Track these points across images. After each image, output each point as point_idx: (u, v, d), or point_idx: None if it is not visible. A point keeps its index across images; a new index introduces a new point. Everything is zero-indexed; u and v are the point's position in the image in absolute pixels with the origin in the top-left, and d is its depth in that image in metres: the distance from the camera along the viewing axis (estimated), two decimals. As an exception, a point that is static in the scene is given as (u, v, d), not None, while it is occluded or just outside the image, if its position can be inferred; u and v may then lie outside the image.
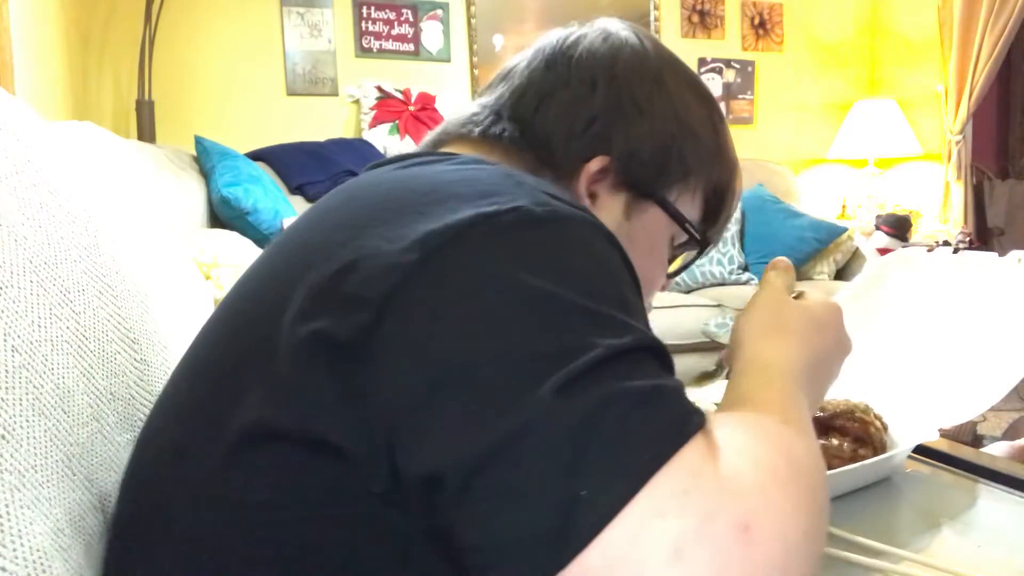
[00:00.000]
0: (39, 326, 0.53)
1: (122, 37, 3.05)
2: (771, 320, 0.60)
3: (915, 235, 3.55)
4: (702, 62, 3.97)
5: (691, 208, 0.67)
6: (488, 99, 0.65)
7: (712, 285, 3.30)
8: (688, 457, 0.37)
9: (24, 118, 0.68)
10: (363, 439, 0.41)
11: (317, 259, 0.47)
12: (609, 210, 0.63)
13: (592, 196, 0.62)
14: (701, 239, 0.68)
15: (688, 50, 3.94)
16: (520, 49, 0.69)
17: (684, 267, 0.74)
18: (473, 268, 0.43)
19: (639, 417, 0.38)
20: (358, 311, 0.42)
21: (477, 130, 0.63)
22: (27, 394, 0.49)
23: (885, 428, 0.72)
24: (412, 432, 0.40)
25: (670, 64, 0.66)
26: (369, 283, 0.43)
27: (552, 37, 0.67)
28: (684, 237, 0.68)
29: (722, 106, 3.98)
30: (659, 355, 0.45)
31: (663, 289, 0.72)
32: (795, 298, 0.65)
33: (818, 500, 0.41)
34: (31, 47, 2.32)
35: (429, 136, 0.67)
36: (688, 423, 0.39)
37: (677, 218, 0.65)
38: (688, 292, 3.24)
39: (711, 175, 0.67)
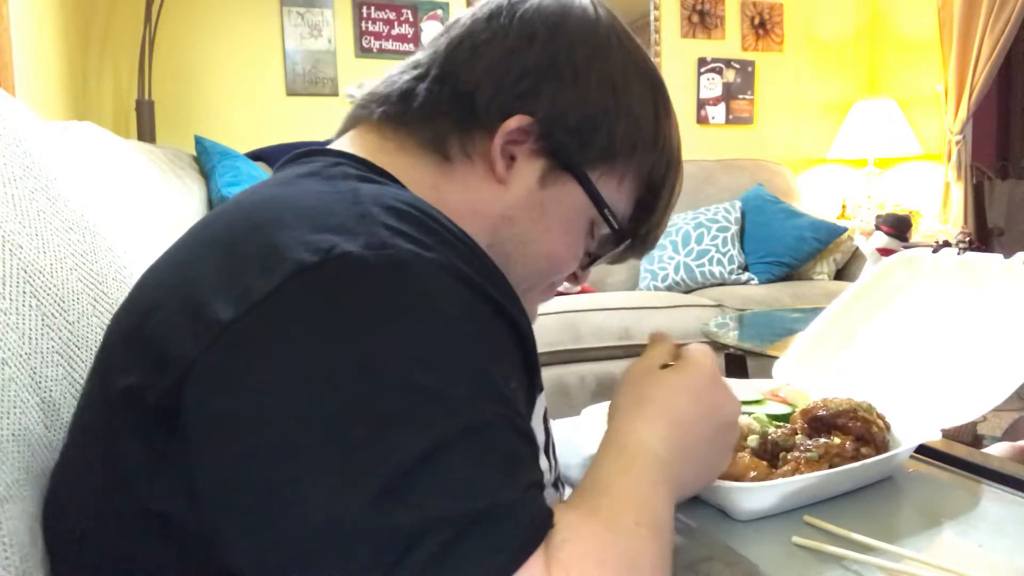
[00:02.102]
0: (30, 338, 0.52)
1: (122, 37, 3.05)
2: (632, 394, 0.57)
3: (915, 235, 3.55)
4: (702, 62, 3.97)
5: (616, 195, 0.63)
6: (423, 54, 0.62)
7: (712, 285, 3.30)
8: None
9: (25, 121, 0.68)
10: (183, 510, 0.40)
11: (157, 298, 0.45)
12: (524, 176, 0.59)
13: (510, 158, 0.59)
14: (620, 230, 0.64)
15: (688, 50, 3.94)
16: None
17: (597, 259, 0.68)
18: (284, 339, 0.39)
19: (463, 546, 0.36)
20: (165, 372, 0.40)
21: (379, 111, 0.60)
22: (14, 408, 0.48)
23: (887, 427, 0.72)
24: (214, 524, 0.38)
25: (620, 37, 0.62)
26: (180, 343, 0.40)
27: None
28: (606, 228, 0.63)
29: (722, 106, 4.00)
30: (507, 425, 0.41)
31: (578, 282, 0.69)
32: (667, 366, 0.58)
33: None
34: (31, 47, 2.32)
35: (348, 113, 0.64)
36: (520, 545, 0.37)
37: (595, 199, 0.61)
38: (688, 292, 3.24)
39: (644, 164, 0.63)
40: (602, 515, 0.43)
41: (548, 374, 2.71)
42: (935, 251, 0.92)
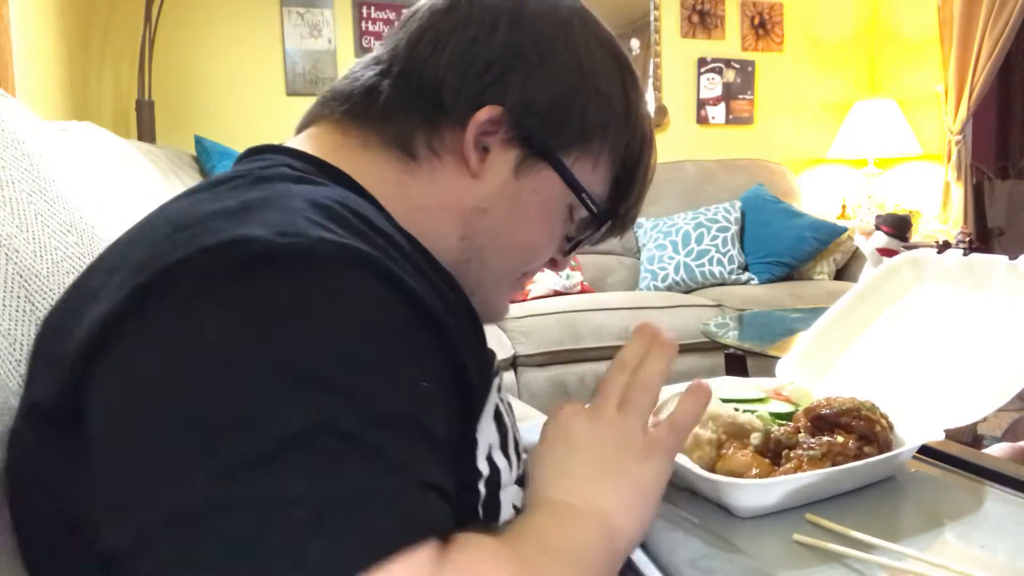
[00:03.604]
0: (22, 344, 0.52)
1: (122, 37, 3.05)
2: (544, 446, 0.56)
3: (915, 235, 3.55)
4: (702, 62, 3.97)
5: (593, 178, 0.62)
6: (382, 50, 0.61)
7: (712, 285, 3.30)
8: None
9: (24, 122, 0.67)
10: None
11: (67, 300, 0.46)
12: (498, 167, 0.58)
13: (484, 150, 0.58)
14: (599, 213, 0.63)
15: (688, 50, 3.94)
16: None
17: (578, 243, 0.66)
18: (173, 323, 0.39)
19: (327, 529, 0.34)
20: (60, 372, 0.40)
21: (341, 108, 0.59)
22: (3, 415, 0.48)
23: (890, 427, 0.72)
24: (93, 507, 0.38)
25: (583, 17, 0.61)
26: (77, 343, 0.40)
27: None
28: (585, 212, 0.62)
29: (722, 106, 4.00)
30: (401, 421, 0.40)
31: (558, 268, 0.68)
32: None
33: None
34: (31, 47, 2.32)
35: (308, 110, 0.63)
36: (394, 537, 0.36)
37: (572, 184, 0.60)
38: (688, 292, 3.24)
39: (618, 143, 0.62)
40: (509, 541, 0.44)
41: (548, 374, 2.71)
42: (939, 252, 0.92)
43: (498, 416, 0.56)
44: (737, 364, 2.28)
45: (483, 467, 0.52)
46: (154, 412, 0.37)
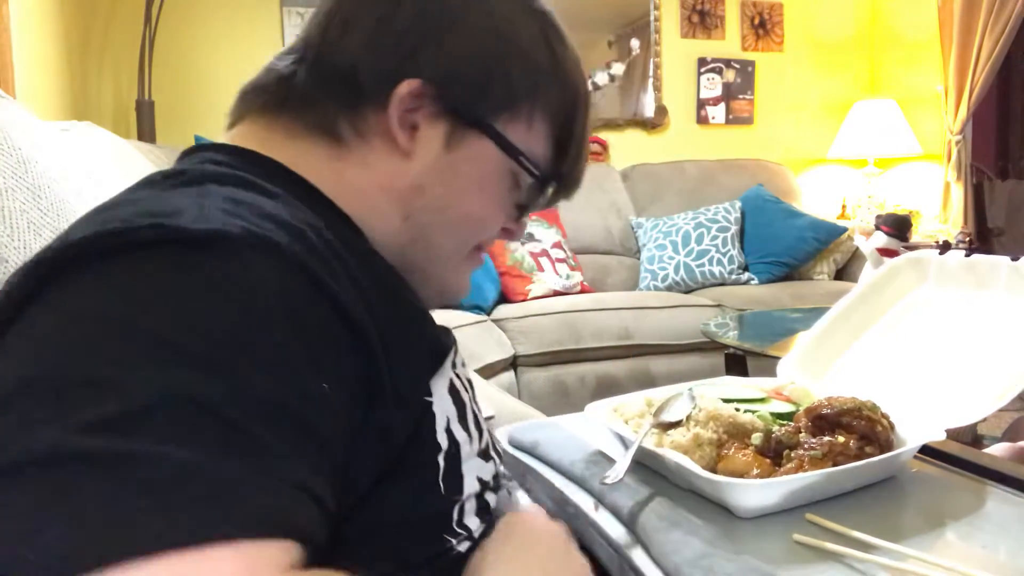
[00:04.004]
0: None
1: (122, 37, 3.05)
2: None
3: (915, 235, 3.55)
4: (702, 62, 3.97)
5: (528, 139, 0.60)
6: (297, 41, 0.60)
7: (712, 285, 3.30)
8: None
9: (22, 125, 0.67)
10: None
11: None
12: (429, 142, 0.57)
13: (413, 127, 0.56)
14: (541, 174, 0.61)
15: (688, 50, 3.94)
16: None
17: (527, 209, 0.65)
18: (67, 297, 0.39)
19: (140, 498, 0.33)
20: None
21: (259, 101, 0.59)
22: None
23: (892, 427, 0.72)
24: None
25: None
26: None
27: None
28: (528, 176, 0.61)
29: (722, 106, 4.00)
30: (285, 420, 0.38)
31: (514, 237, 0.67)
32: None
33: None
34: (31, 47, 2.32)
35: (231, 108, 0.63)
36: (209, 524, 0.33)
37: (507, 149, 0.58)
38: (688, 292, 3.24)
39: (549, 101, 0.60)
40: None
41: (548, 374, 2.71)
42: (940, 252, 0.92)
43: (453, 390, 0.56)
44: (737, 364, 2.28)
45: (442, 440, 0.52)
46: (29, 368, 0.37)
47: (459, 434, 0.54)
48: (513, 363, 2.70)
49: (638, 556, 0.62)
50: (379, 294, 0.49)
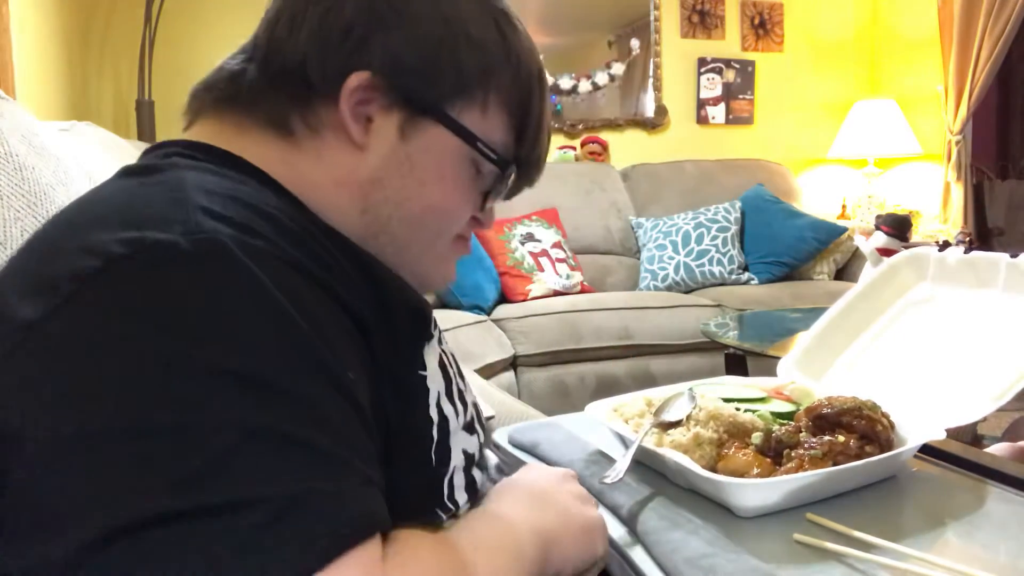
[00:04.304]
0: None
1: (122, 37, 3.05)
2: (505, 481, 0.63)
3: (915, 235, 3.55)
4: (702, 62, 3.97)
5: (485, 125, 0.60)
6: (247, 42, 0.60)
7: (712, 285, 3.30)
8: None
9: (21, 128, 0.67)
10: None
11: None
12: (384, 133, 0.57)
13: (368, 120, 0.57)
14: (501, 158, 0.61)
15: (688, 50, 3.94)
16: None
17: (492, 196, 0.64)
18: (91, 329, 0.38)
19: (277, 529, 0.35)
20: None
21: (211, 97, 0.59)
22: None
23: (892, 426, 0.72)
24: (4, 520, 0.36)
25: None
26: None
27: None
28: (493, 167, 0.61)
29: (722, 106, 4.00)
30: (346, 423, 0.41)
31: (482, 225, 0.67)
32: None
33: None
34: (31, 47, 2.32)
35: (185, 108, 0.63)
36: (341, 534, 0.37)
37: (463, 135, 0.58)
38: (688, 292, 3.24)
39: (503, 85, 0.60)
40: (446, 536, 0.48)
41: (548, 374, 2.71)
42: (940, 250, 0.92)
43: (443, 365, 0.58)
44: (737, 364, 2.28)
45: (433, 414, 0.54)
46: (83, 427, 0.36)
47: (447, 408, 0.56)
48: (513, 363, 2.70)
49: (638, 556, 0.62)
50: (359, 275, 0.51)
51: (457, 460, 0.56)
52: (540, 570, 0.55)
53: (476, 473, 0.59)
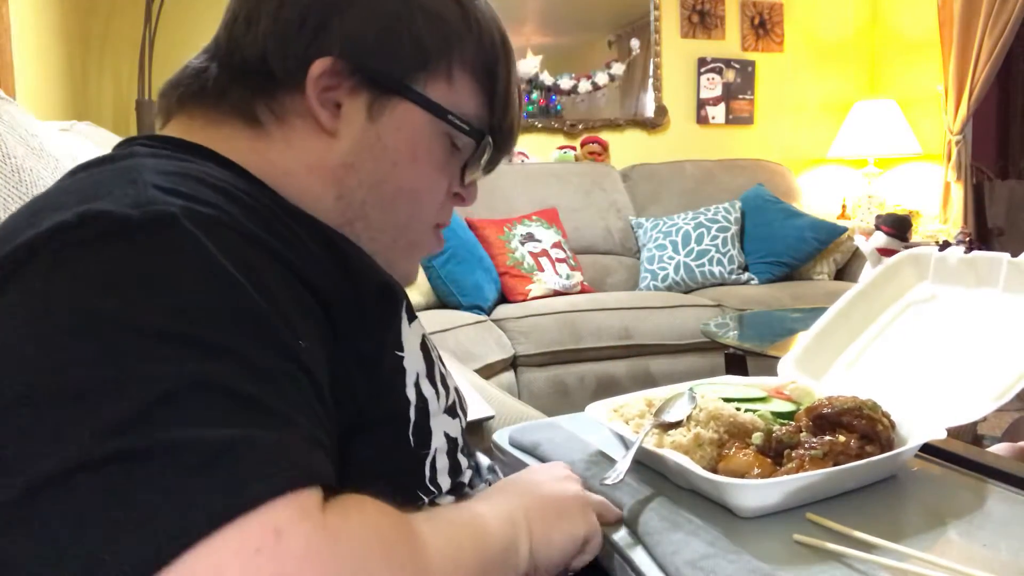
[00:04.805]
0: None
1: (122, 37, 3.04)
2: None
3: (915, 235, 3.55)
4: (702, 62, 3.97)
5: (453, 96, 0.59)
6: (210, 43, 0.61)
7: (712, 285, 3.30)
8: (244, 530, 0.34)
9: (20, 128, 0.67)
10: None
11: None
12: (353, 117, 0.57)
13: (336, 105, 0.57)
14: (474, 128, 0.60)
15: (688, 50, 3.94)
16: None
17: (471, 170, 0.64)
18: (38, 293, 0.39)
19: (193, 479, 0.34)
20: None
21: (177, 94, 0.60)
22: None
23: (892, 426, 0.72)
24: None
25: None
26: None
27: None
28: (468, 139, 0.60)
29: (722, 106, 4.00)
30: (289, 383, 0.41)
31: (465, 202, 0.66)
32: None
33: None
34: (31, 47, 2.32)
35: (156, 109, 0.64)
36: (262, 486, 0.35)
37: (432, 109, 0.58)
38: (688, 292, 3.24)
39: (465, 55, 0.59)
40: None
41: (548, 374, 2.71)
42: (940, 250, 0.92)
43: (424, 347, 0.58)
44: (737, 364, 2.28)
45: (411, 395, 0.54)
46: (29, 379, 0.37)
47: (427, 390, 0.56)
48: (513, 363, 2.70)
49: (638, 556, 0.62)
50: (324, 251, 0.51)
51: (439, 442, 0.56)
52: (514, 554, 0.54)
53: (461, 459, 0.59)
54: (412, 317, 0.59)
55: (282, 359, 0.41)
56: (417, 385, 0.55)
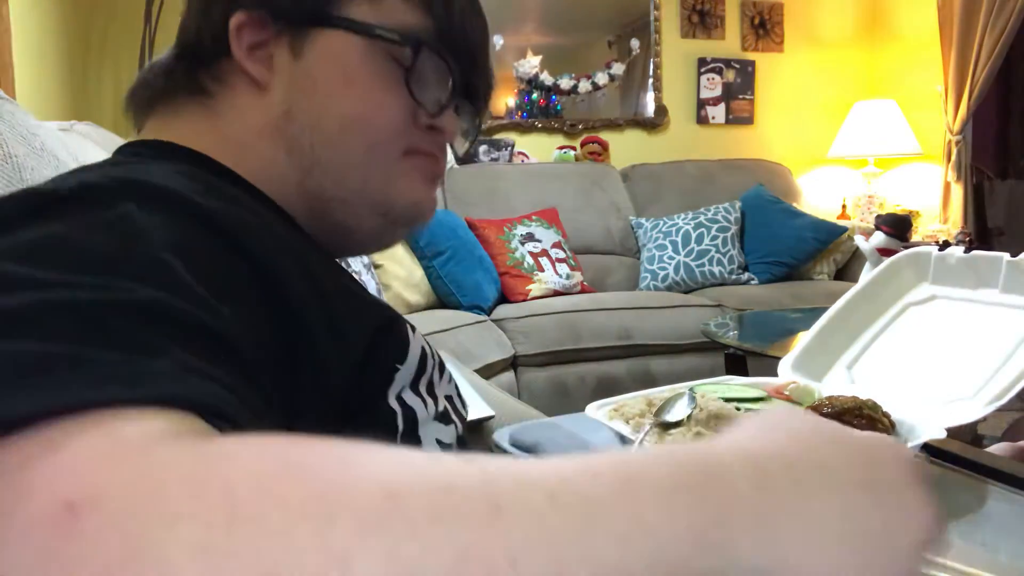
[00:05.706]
0: None
1: (122, 37, 3.04)
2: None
3: (915, 235, 3.55)
4: (702, 62, 3.97)
5: (380, 12, 0.56)
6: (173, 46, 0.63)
7: (712, 285, 3.30)
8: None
9: (20, 129, 0.67)
10: None
11: None
12: (280, 63, 0.56)
13: (270, 59, 0.56)
14: (412, 41, 0.56)
15: (688, 50, 3.94)
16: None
17: (429, 88, 0.59)
18: None
19: (55, 371, 0.28)
20: None
21: (146, 95, 0.62)
22: None
23: (892, 426, 0.72)
24: None
25: None
26: None
27: None
28: (406, 51, 0.56)
29: (722, 106, 4.01)
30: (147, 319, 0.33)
31: (445, 136, 0.61)
32: None
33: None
34: (31, 47, 2.32)
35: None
36: (125, 387, 0.29)
37: (356, 28, 0.55)
38: (688, 292, 3.24)
39: None
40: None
41: (548, 374, 2.71)
42: (940, 250, 0.92)
43: (423, 357, 0.57)
44: (737, 364, 2.28)
45: (393, 405, 0.53)
46: None
47: (410, 400, 0.55)
48: (513, 363, 2.70)
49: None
50: (290, 233, 0.51)
51: (431, 449, 0.55)
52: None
53: None
54: (412, 329, 0.58)
55: (170, 299, 0.35)
56: (399, 397, 0.54)
